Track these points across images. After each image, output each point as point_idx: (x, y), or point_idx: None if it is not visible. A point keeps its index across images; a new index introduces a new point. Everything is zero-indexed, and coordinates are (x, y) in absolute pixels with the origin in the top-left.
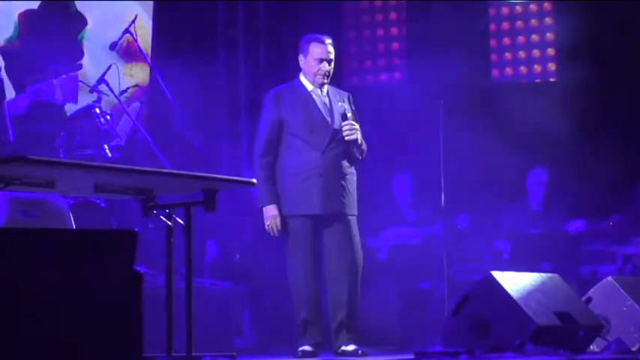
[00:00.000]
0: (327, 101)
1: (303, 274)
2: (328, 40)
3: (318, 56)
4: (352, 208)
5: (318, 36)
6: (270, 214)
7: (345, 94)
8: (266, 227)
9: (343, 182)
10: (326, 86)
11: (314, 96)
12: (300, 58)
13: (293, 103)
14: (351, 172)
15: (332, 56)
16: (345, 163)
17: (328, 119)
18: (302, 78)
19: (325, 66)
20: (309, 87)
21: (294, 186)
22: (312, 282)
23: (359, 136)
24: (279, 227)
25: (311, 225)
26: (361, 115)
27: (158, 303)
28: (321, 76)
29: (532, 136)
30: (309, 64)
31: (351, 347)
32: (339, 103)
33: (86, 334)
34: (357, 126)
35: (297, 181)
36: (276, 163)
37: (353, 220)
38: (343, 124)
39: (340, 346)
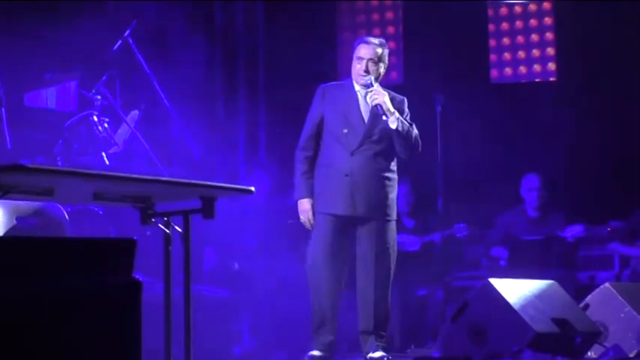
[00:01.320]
0: (370, 103)
1: (321, 273)
2: (374, 41)
3: (358, 55)
4: (384, 212)
5: (366, 37)
6: (304, 207)
7: (399, 98)
8: (301, 221)
9: (374, 185)
10: (376, 87)
11: (359, 96)
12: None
13: (336, 101)
14: (386, 176)
15: (375, 57)
16: (379, 166)
17: (365, 120)
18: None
19: (363, 64)
20: (357, 87)
21: (323, 184)
22: (329, 282)
23: (387, 100)
24: (312, 221)
25: (336, 225)
26: None
27: (156, 311)
28: (359, 75)
29: (532, 136)
30: (354, 64)
31: (377, 354)
32: (366, 78)
33: (85, 343)
34: (386, 95)
35: (326, 180)
36: (315, 158)
37: (386, 224)
38: (369, 90)
39: (368, 352)
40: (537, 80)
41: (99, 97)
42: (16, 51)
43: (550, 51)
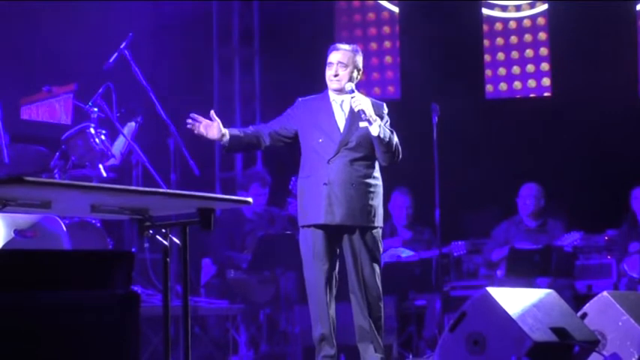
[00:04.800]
0: (347, 110)
1: (315, 287)
2: (345, 46)
3: (328, 60)
4: (365, 219)
5: (337, 44)
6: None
7: (378, 103)
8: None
9: (352, 192)
10: (349, 96)
11: (333, 105)
12: None
13: (311, 112)
14: (366, 182)
15: (344, 60)
16: (357, 173)
17: (341, 128)
18: (329, 89)
19: (332, 68)
20: (333, 96)
21: (305, 196)
22: (326, 296)
23: (369, 107)
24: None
25: (323, 236)
26: None
27: (155, 322)
28: (330, 80)
29: (527, 151)
30: (326, 71)
31: None
32: (343, 83)
33: (83, 356)
34: (369, 101)
35: (307, 192)
36: (263, 135)
37: (369, 231)
38: (351, 96)
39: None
40: (532, 95)
41: (95, 109)
42: (13, 64)
43: (545, 66)
